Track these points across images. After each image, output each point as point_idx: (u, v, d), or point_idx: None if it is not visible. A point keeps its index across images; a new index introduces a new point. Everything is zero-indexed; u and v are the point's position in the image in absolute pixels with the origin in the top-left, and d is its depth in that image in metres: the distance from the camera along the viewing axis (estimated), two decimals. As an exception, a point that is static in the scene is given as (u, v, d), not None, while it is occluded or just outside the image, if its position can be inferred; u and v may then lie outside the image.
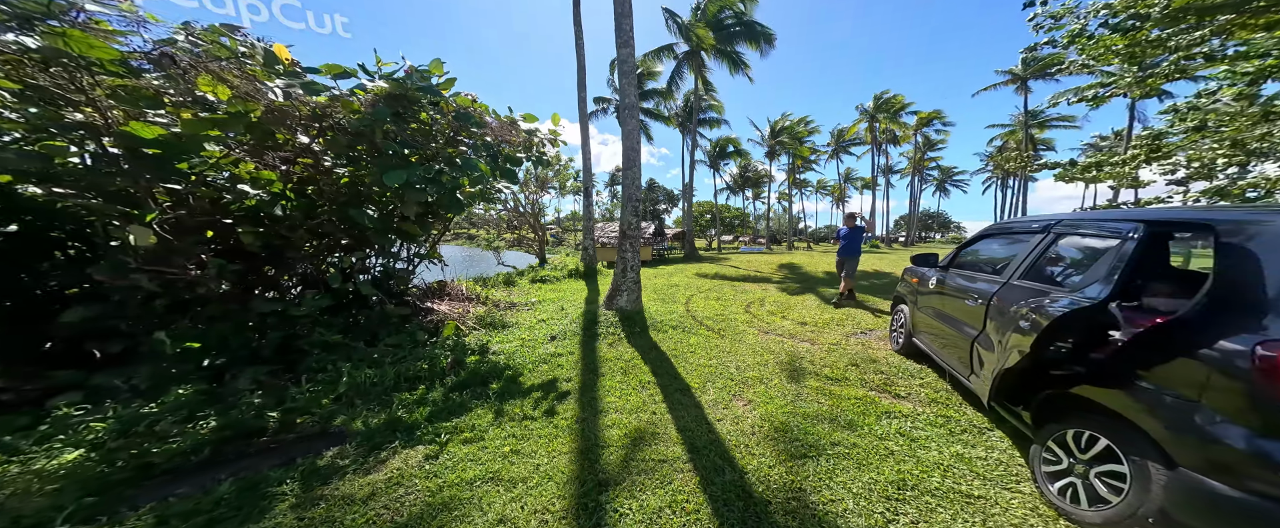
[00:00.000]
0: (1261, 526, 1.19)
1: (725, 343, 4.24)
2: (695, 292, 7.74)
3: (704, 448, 2.19)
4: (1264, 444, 1.19)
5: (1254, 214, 1.48)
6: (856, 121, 33.08)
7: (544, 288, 8.38)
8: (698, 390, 3.03)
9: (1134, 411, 1.50)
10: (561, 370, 3.48)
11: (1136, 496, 1.45)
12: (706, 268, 12.57)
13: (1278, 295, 1.28)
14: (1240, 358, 1.26)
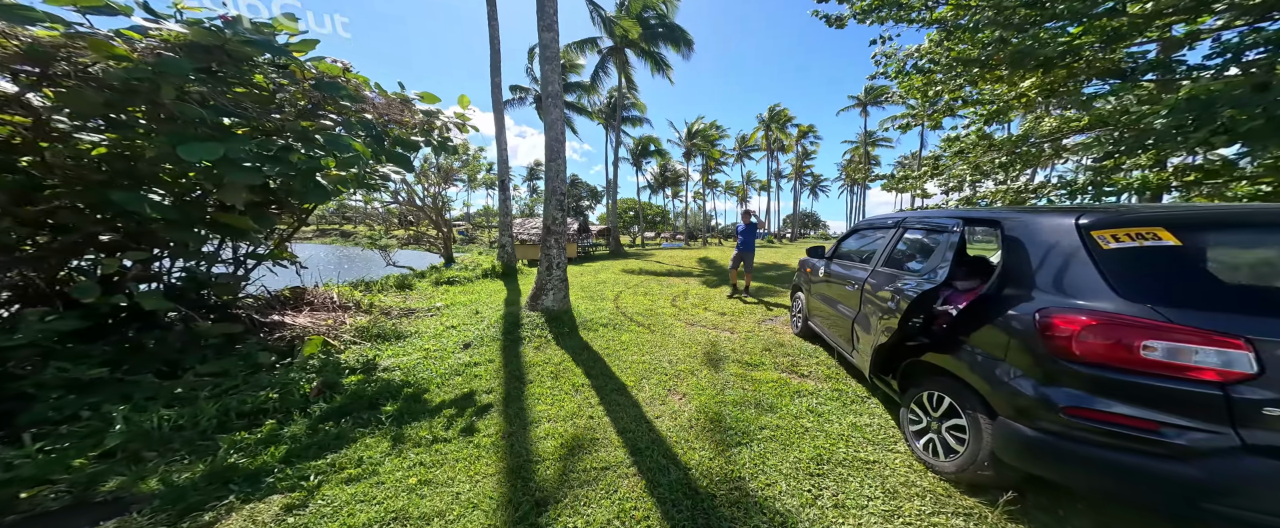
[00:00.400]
0: (1051, 456, 1.47)
1: (656, 338, 4.31)
2: (624, 288, 7.74)
3: (646, 449, 2.16)
4: (1046, 390, 1.48)
5: (1023, 214, 1.90)
6: (756, 130, 37.74)
7: (453, 290, 7.44)
8: (634, 389, 3.00)
9: (964, 371, 1.79)
10: (480, 381, 3.11)
11: (974, 444, 1.72)
12: (632, 264, 12.72)
13: (1040, 272, 1.65)
14: (1027, 322, 1.56)
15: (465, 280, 8.51)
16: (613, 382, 3.13)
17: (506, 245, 10.49)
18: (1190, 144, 4.85)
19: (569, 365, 3.49)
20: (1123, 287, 1.41)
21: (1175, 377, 1.27)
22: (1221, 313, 1.29)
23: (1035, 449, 1.49)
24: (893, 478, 1.82)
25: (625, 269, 11.03)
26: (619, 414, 2.59)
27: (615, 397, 2.85)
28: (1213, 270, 1.44)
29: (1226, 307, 1.32)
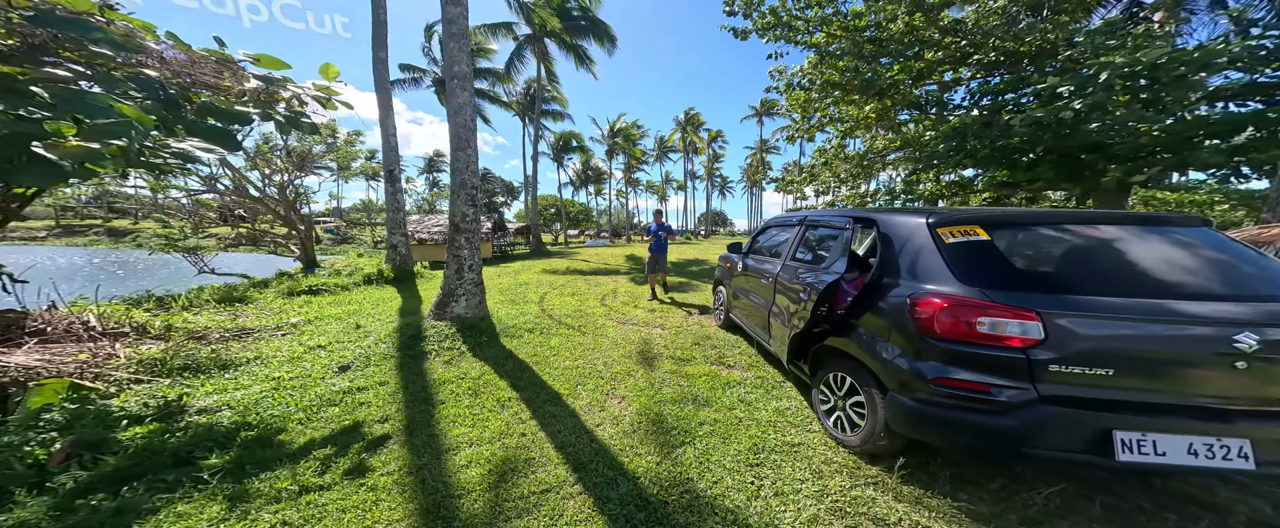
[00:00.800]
0: (926, 422, 1.66)
1: (589, 340, 4.12)
2: (549, 288, 7.29)
3: (590, 462, 2.00)
4: (919, 365, 1.68)
5: (893, 214, 2.15)
6: (673, 132, 40.05)
7: (318, 302, 6.06)
8: (569, 397, 2.79)
9: (859, 352, 1.97)
10: (369, 409, 2.55)
11: (872, 418, 1.89)
12: (556, 263, 12.11)
13: (906, 263, 1.89)
14: (901, 306, 1.77)
15: (337, 289, 7.00)
16: (544, 392, 2.86)
17: (399, 246, 8.97)
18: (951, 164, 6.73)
19: (491, 379, 3.08)
20: (960, 274, 1.68)
21: (996, 345, 1.53)
22: (1019, 291, 1.58)
23: (916, 417, 1.68)
24: (816, 458, 1.98)
25: (549, 269, 10.47)
26: (555, 427, 2.36)
27: (549, 408, 2.60)
28: (1010, 258, 1.75)
29: (1021, 286, 1.62)
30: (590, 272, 9.93)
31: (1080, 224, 1.84)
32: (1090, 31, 5.86)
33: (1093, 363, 1.46)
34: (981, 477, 1.79)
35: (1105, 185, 5.60)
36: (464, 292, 4.50)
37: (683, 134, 39.23)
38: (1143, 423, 1.42)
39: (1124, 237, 1.77)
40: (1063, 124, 5.10)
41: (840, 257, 2.36)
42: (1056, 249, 1.80)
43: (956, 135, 6.08)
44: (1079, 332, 1.47)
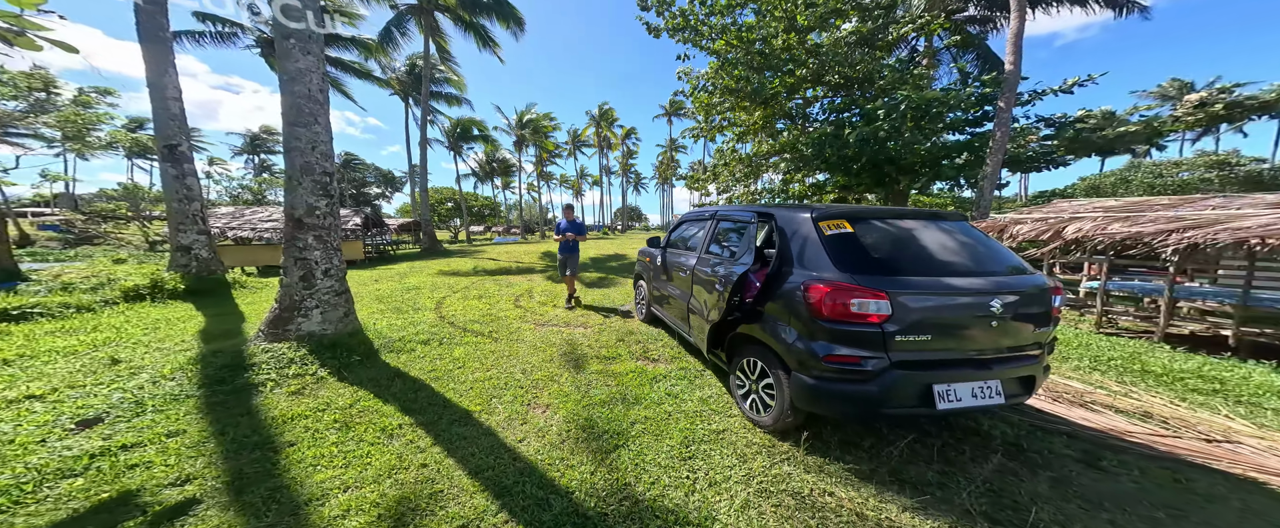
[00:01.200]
0: (821, 397, 1.84)
1: (503, 346, 3.68)
2: (449, 292, 6.32)
3: (516, 484, 1.74)
4: (812, 345, 1.86)
5: (787, 210, 2.33)
6: (587, 126, 39.45)
7: (25, 332, 4.01)
8: (483, 413, 2.41)
9: (767, 337, 2.09)
10: (149, 474, 1.80)
11: (780, 397, 2.03)
12: (458, 263, 10.64)
13: (796, 253, 2.09)
14: (796, 292, 1.94)
15: (67, 312, 4.72)
16: (450, 411, 2.43)
17: (196, 247, 6.66)
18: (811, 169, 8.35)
19: (370, 405, 2.48)
20: (837, 262, 1.91)
21: (863, 322, 1.76)
22: (872, 275, 1.84)
23: (814, 393, 1.85)
24: (739, 442, 2.07)
25: (449, 270, 9.14)
26: (467, 450, 2.01)
27: (458, 430, 2.21)
28: (866, 247, 2.00)
29: (873, 271, 1.87)
30: (500, 271, 9.05)
31: (899, 218, 2.23)
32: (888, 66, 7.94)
33: (919, 331, 1.78)
34: (857, 439, 2.09)
35: (898, 191, 7.69)
36: (318, 303, 3.54)
37: (597, 129, 38.98)
38: (948, 376, 1.79)
39: (922, 228, 2.19)
40: (877, 141, 6.78)
41: (748, 249, 2.51)
42: (889, 239, 2.12)
43: (817, 144, 7.48)
44: (910, 306, 1.79)
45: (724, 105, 9.10)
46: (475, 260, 11.16)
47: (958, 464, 1.86)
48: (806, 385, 1.87)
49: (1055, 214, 5.52)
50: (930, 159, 7.18)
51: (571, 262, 5.28)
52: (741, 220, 2.83)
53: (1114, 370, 3.29)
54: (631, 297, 5.75)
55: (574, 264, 5.31)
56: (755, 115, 9.14)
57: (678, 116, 39.79)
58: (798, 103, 8.94)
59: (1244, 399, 2.76)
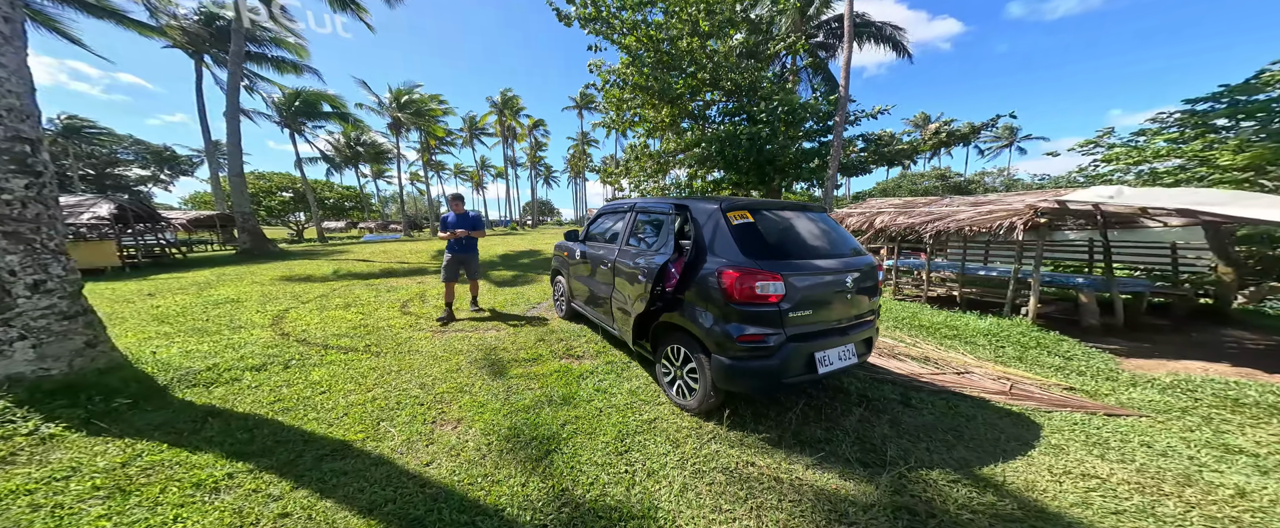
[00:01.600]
0: (737, 375, 1.98)
1: (388, 361, 3.07)
2: (294, 303, 4.98)
3: (428, 514, 1.49)
4: (727, 326, 2.00)
5: (699, 202, 2.43)
6: (487, 113, 35.29)
7: None
8: (370, 440, 1.99)
9: (688, 323, 2.19)
10: None
11: (704, 380, 2.13)
12: (306, 266, 8.52)
13: (709, 242, 2.21)
14: (712, 278, 2.06)
15: None
16: (316, 446, 1.94)
17: None
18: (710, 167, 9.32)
19: (166, 458, 1.83)
20: (743, 249, 2.06)
21: (765, 303, 1.95)
22: (770, 260, 2.04)
23: (731, 372, 1.98)
24: (670, 428, 2.14)
25: (293, 275, 7.25)
26: (353, 486, 1.64)
27: (331, 465, 1.78)
28: (763, 235, 2.19)
29: (771, 256, 2.07)
30: (376, 274, 7.52)
31: (782, 209, 2.49)
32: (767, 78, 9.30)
33: (803, 307, 2.04)
34: (764, 410, 2.31)
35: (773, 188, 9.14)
36: (25, 331, 2.37)
37: (500, 117, 35.20)
38: (823, 344, 2.09)
39: (798, 217, 2.48)
40: (760, 141, 7.93)
41: (667, 240, 2.58)
42: (777, 228, 2.34)
43: (716, 142, 8.29)
44: (797, 285, 2.03)
45: (635, 101, 9.26)
46: (336, 262, 9.05)
47: (834, 420, 2.27)
48: (725, 366, 2.01)
49: (869, 210, 7.28)
50: (795, 162, 8.68)
51: (469, 263, 4.29)
52: (660, 212, 2.87)
53: (904, 327, 4.51)
54: (549, 294, 5.46)
55: (473, 266, 4.33)
56: (663, 113, 9.52)
57: (589, 110, 38.47)
58: (698, 105, 9.65)
59: (968, 340, 4.12)
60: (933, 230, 5.76)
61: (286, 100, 18.02)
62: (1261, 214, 3.74)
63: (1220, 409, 2.64)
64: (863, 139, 9.01)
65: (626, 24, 7.84)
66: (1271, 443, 2.19)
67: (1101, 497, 1.64)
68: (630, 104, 9.30)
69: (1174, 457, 1.97)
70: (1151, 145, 8.71)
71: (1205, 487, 1.73)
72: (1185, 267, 6.49)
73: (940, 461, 1.90)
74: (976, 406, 2.53)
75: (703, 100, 9.52)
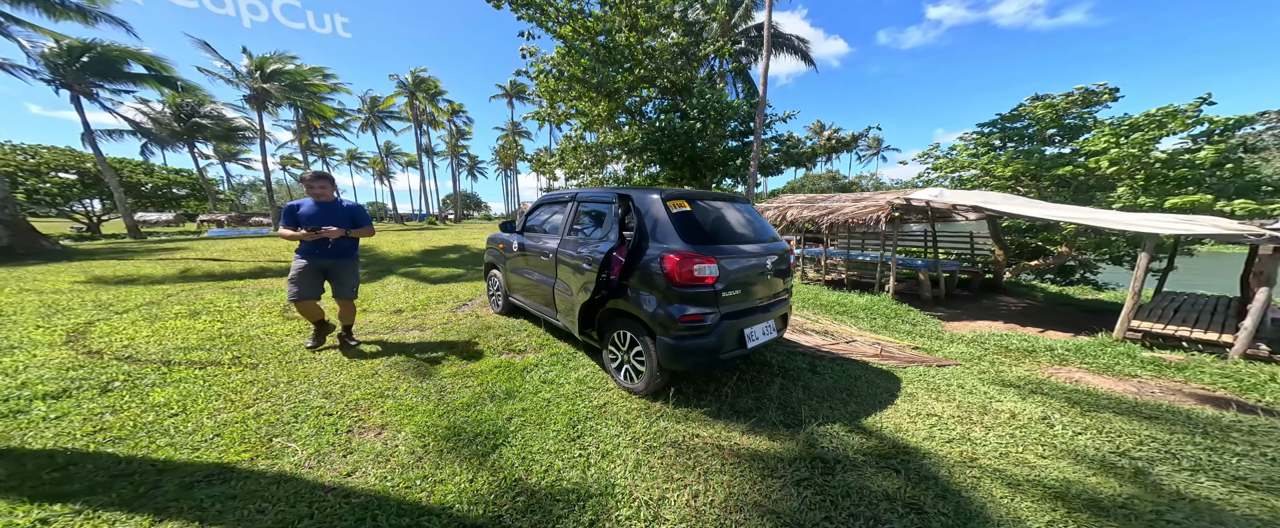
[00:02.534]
0: (680, 354, 2.07)
1: (272, 373, 2.52)
2: (102, 314, 3.76)
3: (361, 523, 1.33)
4: (669, 308, 2.09)
5: (641, 192, 2.48)
6: (394, 94, 29.70)
7: None
8: (261, 459, 1.67)
9: (633, 308, 2.23)
10: None
11: (650, 362, 2.21)
12: (121, 267, 6.60)
13: (651, 230, 2.27)
14: (655, 263, 2.13)
15: None
16: (175, 474, 1.56)
17: None
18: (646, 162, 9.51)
19: None
20: (682, 235, 2.18)
21: (702, 284, 2.07)
22: (704, 245, 2.17)
23: (674, 352, 2.08)
24: (620, 411, 2.18)
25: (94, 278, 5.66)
26: (245, 510, 1.37)
27: (209, 490, 1.47)
28: (699, 222, 2.32)
29: (705, 241, 2.20)
30: (237, 276, 6.01)
31: (714, 200, 2.62)
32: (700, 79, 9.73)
33: (734, 288, 2.21)
34: (704, 387, 2.47)
35: (705, 183, 9.68)
36: None
37: (411, 100, 29.91)
38: (750, 321, 2.28)
39: (727, 207, 2.63)
40: (692, 137, 8.29)
41: (611, 229, 2.57)
42: (710, 216, 2.47)
43: (652, 136, 8.40)
44: (729, 268, 2.18)
45: (571, 93, 8.79)
46: (167, 264, 6.93)
47: (761, 390, 2.57)
48: (668, 346, 2.10)
49: (782, 205, 8.27)
50: (723, 159, 9.27)
51: (339, 274, 2.82)
52: (603, 201, 2.85)
53: (809, 306, 5.29)
54: (481, 290, 5.01)
55: (349, 280, 2.85)
56: (600, 106, 9.24)
57: (521, 99, 34.61)
58: (635, 101, 9.59)
59: (853, 314, 5.00)
60: (827, 222, 6.74)
61: (63, 53, 12.47)
62: (1018, 210, 5.25)
63: (998, 355, 3.67)
64: (775, 141, 9.96)
65: (562, 12, 7.31)
66: (1027, 376, 3.12)
67: (941, 430, 2.17)
68: (566, 96, 8.77)
69: (976, 393, 2.69)
70: (960, 158, 11.48)
71: (995, 413, 2.40)
72: (978, 251, 8.75)
73: (839, 415, 2.29)
74: (861, 367, 3.09)
75: (640, 96, 9.44)
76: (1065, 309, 6.47)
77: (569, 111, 9.36)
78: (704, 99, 8.37)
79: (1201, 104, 8.24)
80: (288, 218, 2.75)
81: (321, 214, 2.77)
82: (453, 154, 40.68)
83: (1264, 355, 3.55)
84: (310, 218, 2.74)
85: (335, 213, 2.80)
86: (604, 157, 10.06)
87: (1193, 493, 1.70)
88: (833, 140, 11.21)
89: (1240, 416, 2.48)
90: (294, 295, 2.73)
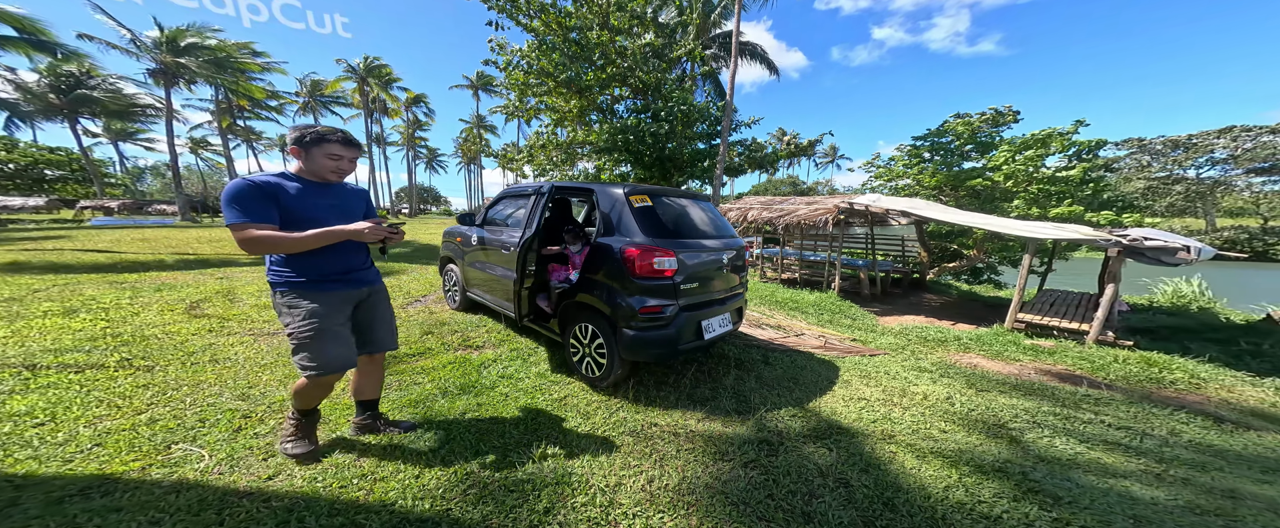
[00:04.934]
0: (641, 345, 2.11)
1: (172, 375, 2.23)
2: None
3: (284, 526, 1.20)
4: (631, 300, 2.13)
5: (604, 187, 2.53)
6: (340, 78, 26.65)
7: None
8: (156, 467, 1.49)
9: (596, 300, 2.26)
10: None
11: (612, 354, 2.23)
12: None
13: (614, 224, 2.31)
14: (617, 256, 2.17)
15: None
16: (44, 487, 1.36)
17: None
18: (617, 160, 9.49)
19: None
20: (643, 229, 2.23)
21: (661, 277, 2.12)
22: (664, 239, 2.23)
23: (635, 344, 2.12)
24: (581, 403, 2.21)
25: None
26: (139, 517, 1.23)
27: (85, 504, 1.29)
28: (659, 217, 2.38)
29: (665, 235, 2.26)
30: (136, 267, 5.27)
31: (676, 197, 2.70)
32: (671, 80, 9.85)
33: (692, 280, 2.27)
34: (664, 378, 2.55)
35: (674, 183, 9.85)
36: None
37: (361, 85, 26.89)
38: (708, 314, 2.35)
39: (689, 204, 2.73)
40: (661, 137, 8.40)
41: (600, 224, 2.51)
42: (671, 212, 2.53)
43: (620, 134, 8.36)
44: (688, 262, 2.24)
45: (541, 88, 8.48)
46: (34, 254, 5.92)
47: (717, 380, 2.69)
48: (629, 338, 2.13)
49: (744, 206, 8.67)
50: (691, 160, 9.49)
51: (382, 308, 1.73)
52: (582, 194, 2.82)
53: (766, 303, 5.61)
54: (435, 286, 4.73)
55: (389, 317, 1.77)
56: (572, 103, 9.03)
57: (487, 91, 32.26)
58: (607, 99, 9.49)
59: (803, 310, 5.39)
60: (784, 223, 7.17)
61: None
62: (938, 216, 5.96)
63: (918, 345, 4.16)
64: (741, 145, 10.37)
65: (534, 5, 7.02)
66: (938, 362, 3.57)
67: (868, 412, 2.43)
68: (536, 90, 8.44)
69: (898, 378, 3.03)
70: (896, 168, 12.76)
71: (912, 395, 2.73)
72: (908, 253, 9.80)
73: (786, 401, 2.47)
74: (807, 358, 3.35)
75: (612, 95, 9.33)
76: (974, 304, 7.45)
77: (539, 107, 9.03)
78: (672, 100, 8.47)
79: (1078, 127, 9.83)
80: (260, 205, 1.34)
81: (331, 201, 1.51)
82: (409, 145, 37.48)
83: (1110, 341, 4.37)
84: (319, 208, 1.45)
85: (348, 200, 1.58)
86: (574, 154, 9.84)
87: (1051, 455, 2.07)
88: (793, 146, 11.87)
89: (1090, 390, 3.04)
90: (337, 362, 1.47)
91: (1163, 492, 1.80)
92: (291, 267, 1.43)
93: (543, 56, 7.55)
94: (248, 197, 1.32)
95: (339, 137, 1.46)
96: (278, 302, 1.45)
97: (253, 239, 1.31)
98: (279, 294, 1.44)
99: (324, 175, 1.47)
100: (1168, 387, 3.28)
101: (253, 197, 1.33)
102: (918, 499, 1.62)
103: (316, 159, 1.44)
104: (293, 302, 1.43)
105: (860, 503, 1.59)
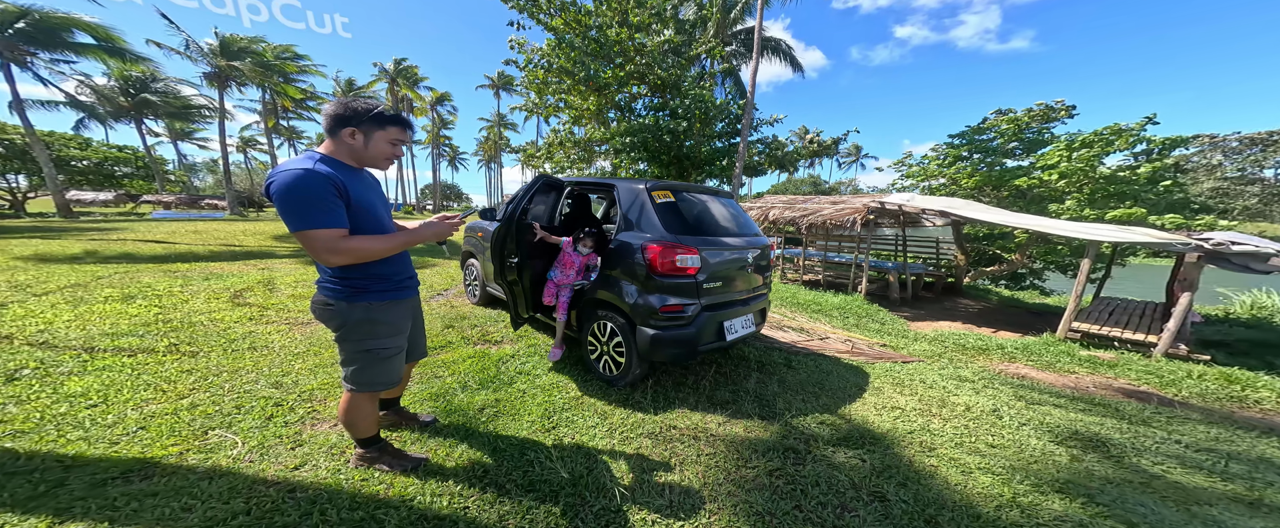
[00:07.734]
0: (660, 344, 2.05)
1: (214, 361, 2.34)
2: (15, 295, 3.50)
3: (305, 519, 1.24)
4: (650, 298, 2.08)
5: (625, 182, 2.50)
6: (375, 80, 28.26)
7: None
8: (193, 452, 1.54)
9: (614, 298, 2.22)
10: None
11: (629, 353, 2.19)
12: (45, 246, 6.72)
13: (634, 220, 2.27)
14: (638, 253, 2.13)
15: None
16: (89, 469, 1.42)
17: None
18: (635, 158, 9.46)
19: None
20: (665, 225, 2.17)
21: (683, 275, 2.06)
22: (687, 235, 2.18)
23: (655, 343, 2.06)
24: (598, 402, 2.16)
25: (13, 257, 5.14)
26: (167, 508, 1.26)
27: (125, 488, 1.35)
28: (682, 213, 2.33)
29: (688, 232, 2.21)
30: (186, 258, 5.61)
31: (698, 193, 2.66)
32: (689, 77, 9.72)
33: (715, 279, 2.20)
34: (683, 379, 2.49)
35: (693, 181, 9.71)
36: None
37: (392, 86, 28.45)
38: (730, 314, 2.28)
39: (710, 200, 2.67)
40: (680, 135, 8.29)
41: (627, 220, 2.46)
42: (693, 208, 2.49)
43: (639, 133, 8.32)
44: (711, 260, 2.17)
45: (561, 86, 8.57)
46: (102, 244, 6.34)
47: (738, 384, 2.59)
48: (649, 336, 2.07)
49: (765, 205, 8.43)
50: (710, 159, 9.35)
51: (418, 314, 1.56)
52: (603, 189, 2.79)
53: (787, 304, 5.43)
54: (457, 280, 4.85)
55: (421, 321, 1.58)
56: (589, 101, 9.07)
57: (508, 90, 33.15)
58: (624, 97, 9.47)
59: (827, 313, 5.17)
60: (807, 223, 6.91)
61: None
62: (979, 216, 5.57)
63: (956, 352, 3.89)
64: (761, 143, 10.14)
65: (555, 4, 7.09)
66: (980, 372, 3.32)
67: (903, 421, 2.27)
68: (556, 88, 8.53)
69: (936, 387, 2.83)
70: (930, 167, 12.10)
71: (952, 405, 2.54)
72: (942, 256, 9.26)
73: (812, 407, 2.35)
74: (833, 363, 3.19)
75: (629, 92, 9.30)
76: (1016, 311, 6.95)
77: (557, 105, 9.13)
78: (689, 97, 8.35)
79: (1146, 123, 9.00)
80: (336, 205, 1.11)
81: (377, 192, 1.33)
82: (434, 144, 38.97)
83: (1183, 355, 3.94)
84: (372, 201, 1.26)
85: (377, 192, 1.35)
86: (592, 152, 9.89)
87: (1120, 476, 1.85)
88: (815, 144, 11.49)
89: (1161, 407, 2.74)
90: (396, 377, 1.38)
91: (1260, 524, 1.57)
92: (371, 275, 1.20)
93: (562, 54, 7.60)
94: (322, 194, 1.04)
95: (403, 118, 1.21)
96: (352, 315, 1.18)
97: (349, 250, 1.05)
98: (352, 304, 1.17)
99: (377, 162, 1.22)
100: (1252, 406, 2.92)
101: (327, 194, 1.05)
102: (965, 519, 1.48)
103: (377, 143, 1.18)
104: (375, 316, 1.20)
105: (898, 519, 1.46)
